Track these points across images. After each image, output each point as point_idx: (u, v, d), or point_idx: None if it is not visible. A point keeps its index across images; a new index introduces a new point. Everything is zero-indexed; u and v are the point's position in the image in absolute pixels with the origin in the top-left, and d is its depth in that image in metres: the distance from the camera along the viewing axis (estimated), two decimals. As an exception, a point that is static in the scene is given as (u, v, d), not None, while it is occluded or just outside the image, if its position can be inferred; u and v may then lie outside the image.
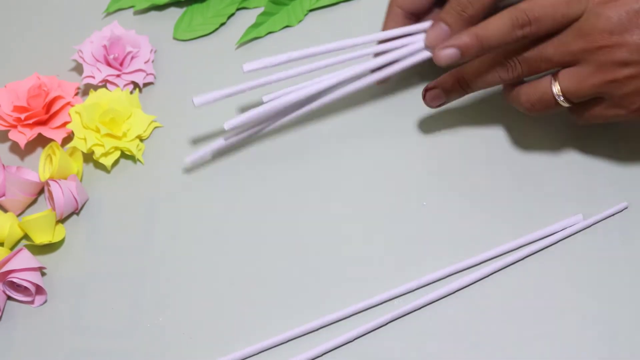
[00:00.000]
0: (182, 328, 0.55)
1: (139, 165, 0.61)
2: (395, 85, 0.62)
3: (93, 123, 0.60)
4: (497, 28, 0.52)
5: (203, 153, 0.60)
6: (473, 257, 0.55)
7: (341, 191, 0.59)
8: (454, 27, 0.55)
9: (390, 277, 0.55)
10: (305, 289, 0.56)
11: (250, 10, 0.67)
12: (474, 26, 0.53)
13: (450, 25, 0.55)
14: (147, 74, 0.64)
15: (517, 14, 0.51)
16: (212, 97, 0.57)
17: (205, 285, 0.56)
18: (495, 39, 0.52)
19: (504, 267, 0.55)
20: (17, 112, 0.61)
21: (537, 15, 0.51)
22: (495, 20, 0.52)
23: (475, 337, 0.53)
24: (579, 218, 0.56)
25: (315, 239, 0.57)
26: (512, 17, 0.51)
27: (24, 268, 0.56)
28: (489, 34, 0.52)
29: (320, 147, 0.61)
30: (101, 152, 0.60)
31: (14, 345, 0.55)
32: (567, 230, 0.55)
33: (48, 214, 0.57)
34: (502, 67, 0.53)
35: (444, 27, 0.55)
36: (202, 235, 0.58)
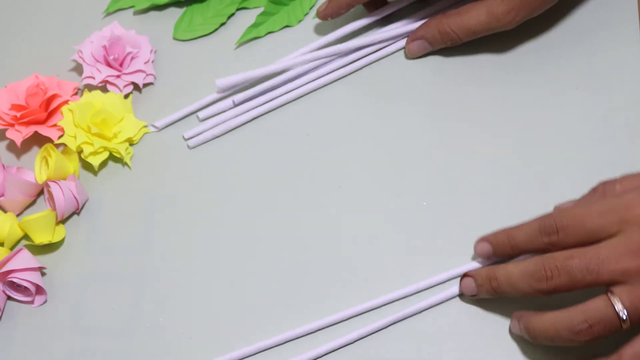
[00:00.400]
0: (182, 328, 0.55)
1: (139, 165, 0.61)
2: (401, 90, 0.63)
3: (84, 122, 0.60)
4: (525, 232, 0.51)
5: (202, 130, 0.61)
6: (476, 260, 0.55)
7: (343, 190, 0.59)
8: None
9: (391, 279, 0.55)
10: (306, 290, 0.56)
11: (250, 10, 0.67)
12: (510, 227, 0.52)
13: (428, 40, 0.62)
14: (147, 75, 0.64)
15: (546, 220, 0.50)
16: (234, 80, 0.61)
17: (205, 285, 0.56)
18: (523, 242, 0.51)
19: None
20: (15, 111, 0.61)
21: (565, 223, 0.49)
22: (526, 224, 0.51)
23: (476, 340, 0.53)
24: None
25: (316, 239, 0.57)
26: (541, 223, 0.50)
27: (24, 268, 0.56)
28: (518, 235, 0.51)
29: (321, 146, 0.61)
30: (90, 151, 0.60)
31: (14, 345, 0.55)
32: None
33: (48, 214, 0.57)
34: (538, 275, 0.49)
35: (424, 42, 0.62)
36: (202, 236, 0.58)
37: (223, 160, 0.61)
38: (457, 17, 0.60)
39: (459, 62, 0.63)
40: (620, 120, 0.60)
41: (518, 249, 0.51)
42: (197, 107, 0.63)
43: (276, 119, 0.62)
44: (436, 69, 0.63)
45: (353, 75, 0.63)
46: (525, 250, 0.51)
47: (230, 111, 0.62)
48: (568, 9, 0.64)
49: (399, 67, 0.63)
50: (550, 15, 0.62)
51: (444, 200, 0.58)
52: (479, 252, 0.53)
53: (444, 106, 0.61)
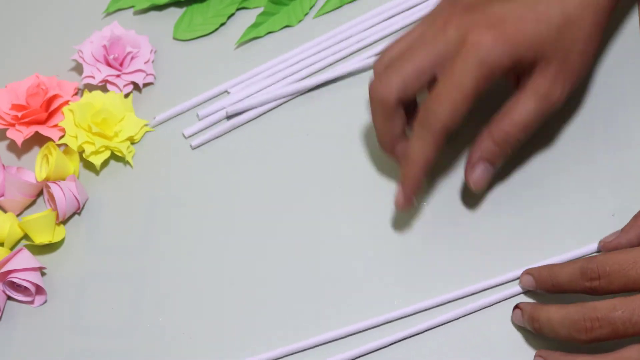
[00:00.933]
0: (182, 328, 0.55)
1: (140, 164, 0.61)
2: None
3: (85, 122, 0.60)
4: (568, 272, 0.50)
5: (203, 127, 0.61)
6: (479, 282, 0.55)
7: (343, 190, 0.59)
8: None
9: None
10: (306, 290, 0.56)
11: (250, 10, 0.67)
12: (554, 264, 0.52)
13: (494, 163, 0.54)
14: (147, 74, 0.64)
15: (589, 264, 0.48)
16: (242, 105, 0.61)
17: (206, 285, 0.56)
18: (565, 283, 0.50)
19: (509, 297, 0.54)
20: (15, 111, 0.61)
21: (608, 270, 0.48)
22: (570, 264, 0.50)
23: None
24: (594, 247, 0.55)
25: (317, 240, 0.57)
26: (584, 266, 0.49)
27: (24, 268, 0.56)
28: (561, 275, 0.50)
29: (321, 145, 0.61)
30: (91, 151, 0.60)
31: (14, 345, 0.55)
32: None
33: (48, 214, 0.57)
34: (579, 325, 0.48)
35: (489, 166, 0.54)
36: (202, 236, 0.58)
37: (225, 159, 0.61)
38: (504, 119, 0.53)
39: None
40: (619, 119, 0.60)
41: (560, 288, 0.51)
42: (197, 105, 0.63)
43: (276, 119, 0.62)
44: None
45: (353, 74, 0.64)
46: (567, 291, 0.50)
47: (230, 108, 0.62)
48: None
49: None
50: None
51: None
52: (523, 284, 0.53)
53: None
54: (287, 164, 0.60)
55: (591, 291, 0.49)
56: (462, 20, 0.51)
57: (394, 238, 0.57)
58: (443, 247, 0.56)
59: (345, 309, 0.55)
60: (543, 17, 0.51)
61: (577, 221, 0.56)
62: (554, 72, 0.52)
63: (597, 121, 0.60)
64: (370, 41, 0.65)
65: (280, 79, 0.63)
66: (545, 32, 0.51)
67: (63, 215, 0.58)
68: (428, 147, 0.51)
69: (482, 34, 0.50)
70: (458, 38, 0.50)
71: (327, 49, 0.65)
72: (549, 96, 0.52)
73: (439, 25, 0.52)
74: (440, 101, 0.50)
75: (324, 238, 0.57)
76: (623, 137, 0.59)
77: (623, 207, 0.57)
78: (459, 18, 0.51)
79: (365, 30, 0.65)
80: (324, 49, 0.65)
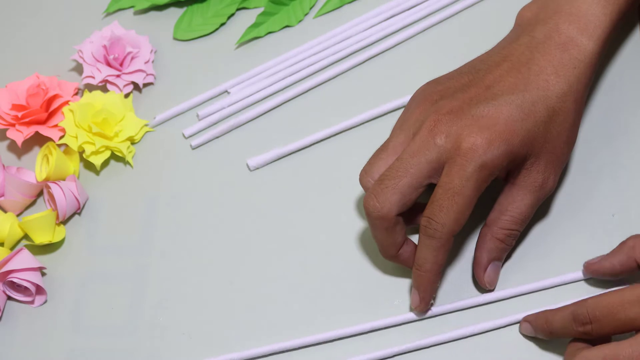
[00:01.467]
0: (182, 328, 0.55)
1: (140, 164, 0.61)
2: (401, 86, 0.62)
3: (85, 122, 0.60)
4: (561, 320, 0.50)
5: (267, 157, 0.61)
6: (480, 296, 0.55)
7: (343, 190, 0.59)
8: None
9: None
10: (306, 289, 0.56)
11: (250, 10, 0.67)
12: (549, 310, 0.52)
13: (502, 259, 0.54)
14: (147, 74, 0.64)
15: (579, 309, 0.49)
16: (266, 157, 0.60)
17: (206, 285, 0.56)
18: (559, 329, 0.51)
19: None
20: (16, 111, 0.61)
21: (597, 315, 0.48)
22: (562, 309, 0.51)
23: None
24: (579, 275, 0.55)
25: (318, 239, 0.57)
26: (574, 312, 0.49)
27: (24, 268, 0.56)
28: (555, 322, 0.51)
29: (326, 150, 0.61)
30: (91, 151, 0.60)
31: (14, 345, 0.55)
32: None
33: (48, 214, 0.57)
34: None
35: (499, 263, 0.54)
36: (202, 236, 0.58)
37: (225, 159, 0.61)
38: (504, 217, 0.53)
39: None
40: (619, 119, 0.60)
41: (556, 335, 0.51)
42: (197, 105, 0.63)
43: (276, 118, 0.62)
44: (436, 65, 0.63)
45: (354, 71, 0.64)
46: (563, 336, 0.51)
47: (230, 108, 0.62)
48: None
49: (398, 63, 0.64)
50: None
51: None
52: (522, 330, 0.53)
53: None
54: (287, 164, 0.60)
55: (585, 335, 0.49)
56: (450, 126, 0.51)
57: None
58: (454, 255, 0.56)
59: (346, 309, 0.55)
60: (530, 114, 0.51)
61: (577, 221, 0.56)
62: (544, 164, 0.53)
63: (596, 121, 0.60)
64: (370, 41, 0.65)
65: (280, 79, 0.63)
66: (534, 129, 0.51)
67: (63, 215, 0.58)
68: (437, 254, 0.51)
69: (476, 138, 0.50)
70: (450, 145, 0.50)
71: (327, 49, 0.65)
72: (543, 188, 0.53)
73: (424, 134, 0.51)
74: (444, 210, 0.50)
75: (324, 237, 0.57)
76: (623, 137, 0.59)
77: (623, 207, 0.57)
78: (446, 125, 0.51)
79: (365, 30, 0.65)
80: (324, 49, 0.65)
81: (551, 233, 0.56)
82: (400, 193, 0.51)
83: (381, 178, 0.52)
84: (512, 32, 0.56)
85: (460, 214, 0.50)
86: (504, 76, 0.52)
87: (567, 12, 0.54)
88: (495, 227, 0.53)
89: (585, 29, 0.53)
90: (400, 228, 0.52)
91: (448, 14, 0.65)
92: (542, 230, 0.56)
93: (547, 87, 0.52)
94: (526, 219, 0.53)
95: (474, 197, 0.50)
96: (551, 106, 0.52)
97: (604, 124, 0.59)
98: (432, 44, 0.64)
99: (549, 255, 0.56)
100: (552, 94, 0.52)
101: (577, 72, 0.53)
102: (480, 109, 0.51)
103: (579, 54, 0.53)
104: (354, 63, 0.64)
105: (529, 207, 0.53)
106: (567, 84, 0.52)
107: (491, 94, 0.52)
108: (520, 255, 0.56)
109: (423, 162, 0.51)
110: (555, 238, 0.56)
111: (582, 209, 0.57)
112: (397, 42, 0.64)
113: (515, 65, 0.53)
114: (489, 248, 0.53)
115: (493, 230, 0.53)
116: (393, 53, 0.64)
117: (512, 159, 0.51)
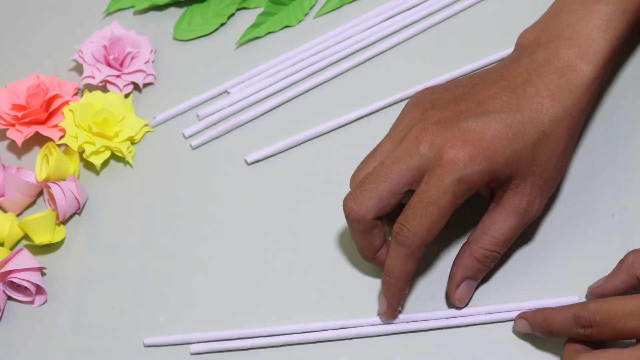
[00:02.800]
0: (182, 328, 0.55)
1: (140, 164, 0.61)
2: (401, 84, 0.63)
3: (85, 122, 0.60)
4: (562, 319, 0.50)
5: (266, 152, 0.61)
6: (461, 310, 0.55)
7: (343, 190, 0.59)
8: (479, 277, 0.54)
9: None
10: (307, 291, 0.56)
11: (250, 10, 0.67)
12: (549, 308, 0.52)
13: (477, 279, 0.54)
14: (147, 75, 0.64)
15: (581, 312, 0.49)
16: (264, 152, 0.60)
17: (206, 285, 0.56)
18: (560, 329, 0.50)
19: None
20: (16, 111, 0.61)
21: (598, 320, 0.48)
22: (564, 309, 0.50)
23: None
24: (574, 299, 0.55)
25: (318, 240, 0.57)
26: (576, 314, 0.49)
27: (24, 268, 0.56)
28: (555, 321, 0.51)
29: (322, 145, 0.61)
30: (91, 151, 0.60)
31: (14, 345, 0.55)
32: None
33: (48, 214, 0.57)
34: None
35: (473, 282, 0.54)
36: (202, 236, 0.58)
37: (225, 159, 0.61)
38: (484, 237, 0.53)
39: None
40: (619, 119, 0.60)
41: (555, 334, 0.51)
42: (197, 105, 0.63)
43: (276, 118, 0.62)
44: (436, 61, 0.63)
45: (354, 72, 0.64)
46: (561, 335, 0.51)
47: (230, 108, 0.62)
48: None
49: (398, 64, 0.64)
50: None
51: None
52: (517, 328, 0.53)
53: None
54: (287, 164, 0.60)
55: (584, 337, 0.49)
56: (436, 136, 0.50)
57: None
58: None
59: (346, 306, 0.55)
60: (519, 134, 0.51)
61: (577, 221, 0.56)
62: (530, 187, 0.52)
63: (596, 121, 0.60)
64: (370, 41, 0.65)
65: (280, 79, 0.64)
66: (521, 150, 0.51)
67: (63, 215, 0.58)
68: (407, 262, 0.51)
69: (459, 151, 0.50)
70: (432, 155, 0.50)
71: (327, 49, 0.65)
72: (527, 212, 0.52)
73: (409, 141, 0.51)
74: (417, 219, 0.50)
75: (324, 238, 0.57)
76: (623, 136, 0.59)
77: (623, 207, 0.57)
78: (432, 134, 0.50)
79: (365, 31, 0.65)
80: (324, 49, 0.65)
81: (551, 233, 0.56)
82: (378, 197, 0.51)
83: (362, 181, 0.52)
84: (513, 53, 0.56)
85: (433, 224, 0.50)
86: (499, 94, 0.52)
87: (568, 37, 0.54)
88: (475, 246, 0.53)
89: (585, 54, 0.53)
90: (378, 231, 0.52)
91: (448, 14, 0.65)
92: (543, 230, 0.57)
93: (540, 109, 0.52)
94: (507, 242, 0.53)
95: (449, 210, 0.50)
96: (542, 129, 0.52)
97: (603, 123, 0.59)
98: (432, 44, 0.65)
99: (549, 255, 0.56)
100: (545, 117, 0.52)
101: (573, 97, 0.52)
102: (469, 123, 0.51)
103: (577, 80, 0.53)
104: (354, 63, 0.64)
105: (511, 230, 0.52)
106: (562, 108, 0.52)
107: (482, 109, 0.52)
108: (520, 255, 0.56)
109: (404, 169, 0.50)
110: (555, 238, 0.56)
111: (583, 209, 0.57)
112: (397, 42, 0.65)
113: (511, 85, 0.53)
114: (465, 265, 0.53)
115: (472, 248, 0.53)
116: (393, 53, 0.64)
117: (494, 177, 0.51)
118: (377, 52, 0.64)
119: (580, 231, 0.56)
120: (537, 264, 0.56)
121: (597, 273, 0.54)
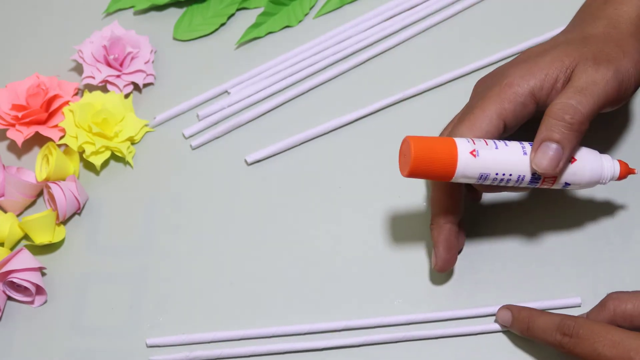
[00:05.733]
0: (182, 328, 0.55)
1: (140, 164, 0.61)
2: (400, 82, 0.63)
3: (85, 122, 0.60)
4: (546, 321, 0.50)
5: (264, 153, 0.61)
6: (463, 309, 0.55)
7: (343, 190, 0.59)
8: (565, 143, 0.49)
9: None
10: (308, 292, 0.56)
11: (250, 10, 0.67)
12: (535, 308, 0.52)
13: (561, 142, 0.49)
14: (147, 75, 0.64)
15: (568, 320, 0.50)
16: (263, 153, 0.60)
17: (206, 285, 0.56)
18: (539, 329, 0.51)
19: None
20: (16, 111, 0.61)
21: (581, 333, 0.49)
22: (551, 314, 0.51)
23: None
24: (577, 301, 0.54)
25: (318, 239, 0.57)
26: (562, 320, 0.50)
27: (24, 268, 0.56)
28: (538, 321, 0.51)
29: (326, 150, 0.61)
30: (91, 151, 0.60)
31: (14, 345, 0.55)
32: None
33: (48, 214, 0.57)
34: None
35: (554, 146, 0.49)
36: (202, 235, 0.58)
37: (225, 159, 0.61)
38: (576, 95, 0.51)
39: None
40: (618, 119, 0.60)
41: (532, 334, 0.51)
42: (197, 105, 0.63)
43: (276, 118, 0.62)
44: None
45: (354, 72, 0.64)
46: (537, 338, 0.51)
47: (230, 108, 0.62)
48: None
49: (398, 63, 0.64)
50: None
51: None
52: (499, 317, 0.53)
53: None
54: (287, 164, 0.60)
55: (559, 345, 0.50)
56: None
57: (398, 241, 0.57)
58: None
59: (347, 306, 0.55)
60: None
61: (577, 221, 0.57)
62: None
63: (596, 120, 0.60)
64: (370, 41, 0.65)
65: (280, 79, 0.64)
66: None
67: (63, 216, 0.58)
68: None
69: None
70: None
71: (327, 49, 0.65)
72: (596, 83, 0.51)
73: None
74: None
75: (324, 238, 0.57)
76: (623, 136, 0.59)
77: (623, 207, 0.57)
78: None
79: (365, 31, 0.65)
80: (324, 49, 0.65)
81: (551, 234, 0.56)
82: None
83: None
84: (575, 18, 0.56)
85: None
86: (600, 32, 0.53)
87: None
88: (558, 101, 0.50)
89: None
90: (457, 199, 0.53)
91: (448, 14, 0.65)
92: (543, 230, 0.57)
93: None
94: (596, 104, 0.50)
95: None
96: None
97: (604, 124, 0.60)
98: (432, 44, 0.65)
99: (549, 256, 0.56)
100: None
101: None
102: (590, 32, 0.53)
103: None
104: (354, 63, 0.64)
105: (614, 89, 0.51)
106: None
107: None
108: (520, 255, 0.56)
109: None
110: (555, 239, 0.56)
111: (582, 209, 0.57)
112: (397, 43, 0.65)
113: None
114: (545, 124, 0.50)
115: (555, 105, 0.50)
116: (393, 53, 0.64)
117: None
118: (377, 52, 0.64)
119: (580, 231, 0.56)
120: (538, 265, 0.56)
121: (597, 273, 0.54)
